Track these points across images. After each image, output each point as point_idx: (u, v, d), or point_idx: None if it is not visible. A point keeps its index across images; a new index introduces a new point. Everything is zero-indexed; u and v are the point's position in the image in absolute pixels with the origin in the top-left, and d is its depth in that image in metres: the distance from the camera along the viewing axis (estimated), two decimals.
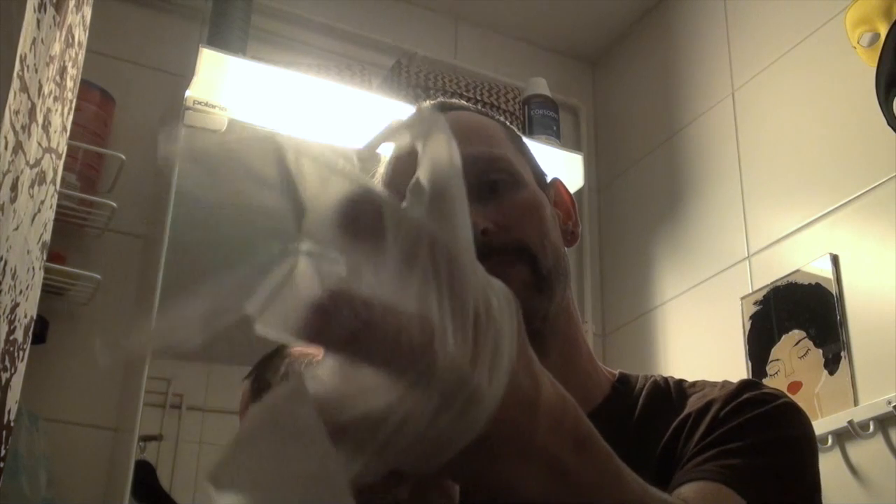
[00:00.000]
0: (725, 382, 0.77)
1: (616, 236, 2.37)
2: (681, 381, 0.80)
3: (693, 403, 0.75)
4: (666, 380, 0.81)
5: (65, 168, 1.41)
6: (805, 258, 1.79)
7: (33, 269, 1.11)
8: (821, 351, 1.70)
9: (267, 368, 1.53)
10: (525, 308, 0.77)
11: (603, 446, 0.43)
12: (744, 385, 0.75)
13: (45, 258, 1.18)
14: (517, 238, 0.75)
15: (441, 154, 0.38)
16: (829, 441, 1.60)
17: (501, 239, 0.74)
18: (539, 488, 0.39)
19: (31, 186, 1.08)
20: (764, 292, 1.85)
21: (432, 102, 0.86)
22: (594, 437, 0.42)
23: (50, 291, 1.69)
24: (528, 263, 0.74)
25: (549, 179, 0.86)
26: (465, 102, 0.96)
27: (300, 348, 1.54)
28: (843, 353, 1.65)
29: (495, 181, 0.76)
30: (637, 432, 0.75)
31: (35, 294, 1.13)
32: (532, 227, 0.76)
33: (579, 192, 2.28)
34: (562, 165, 2.17)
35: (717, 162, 2.10)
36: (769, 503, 0.64)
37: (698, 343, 2.03)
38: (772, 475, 0.66)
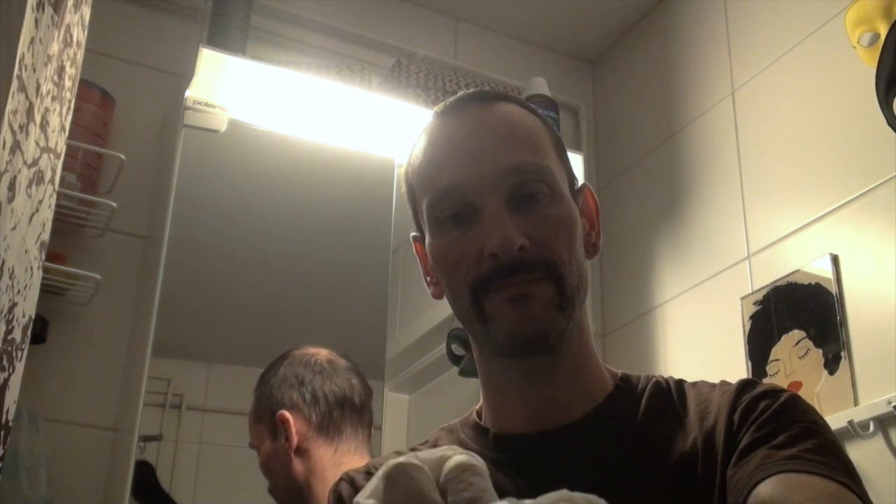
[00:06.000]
0: (723, 383, 0.78)
1: (616, 236, 2.37)
2: (681, 382, 0.81)
3: (695, 407, 0.76)
4: (667, 380, 0.82)
5: (64, 168, 1.41)
6: (805, 258, 1.79)
7: (31, 268, 1.11)
8: (821, 351, 1.69)
9: (270, 370, 1.54)
10: (544, 327, 0.77)
11: None
12: (742, 386, 0.76)
13: (43, 258, 1.18)
14: (549, 255, 0.75)
15: None
16: None
17: (534, 254, 0.74)
18: None
19: (29, 186, 1.08)
20: (764, 292, 1.84)
21: (476, 91, 0.84)
22: None
23: (50, 291, 1.69)
24: (555, 282, 0.75)
25: (579, 184, 0.84)
26: (510, 93, 0.95)
27: (302, 350, 1.54)
28: (843, 353, 1.65)
29: (535, 193, 0.76)
30: (641, 431, 0.77)
31: (33, 294, 1.13)
32: (564, 244, 0.76)
33: None
34: None
35: (717, 162, 2.10)
36: (837, 470, 0.66)
37: (698, 343, 2.03)
38: (824, 451, 0.68)
